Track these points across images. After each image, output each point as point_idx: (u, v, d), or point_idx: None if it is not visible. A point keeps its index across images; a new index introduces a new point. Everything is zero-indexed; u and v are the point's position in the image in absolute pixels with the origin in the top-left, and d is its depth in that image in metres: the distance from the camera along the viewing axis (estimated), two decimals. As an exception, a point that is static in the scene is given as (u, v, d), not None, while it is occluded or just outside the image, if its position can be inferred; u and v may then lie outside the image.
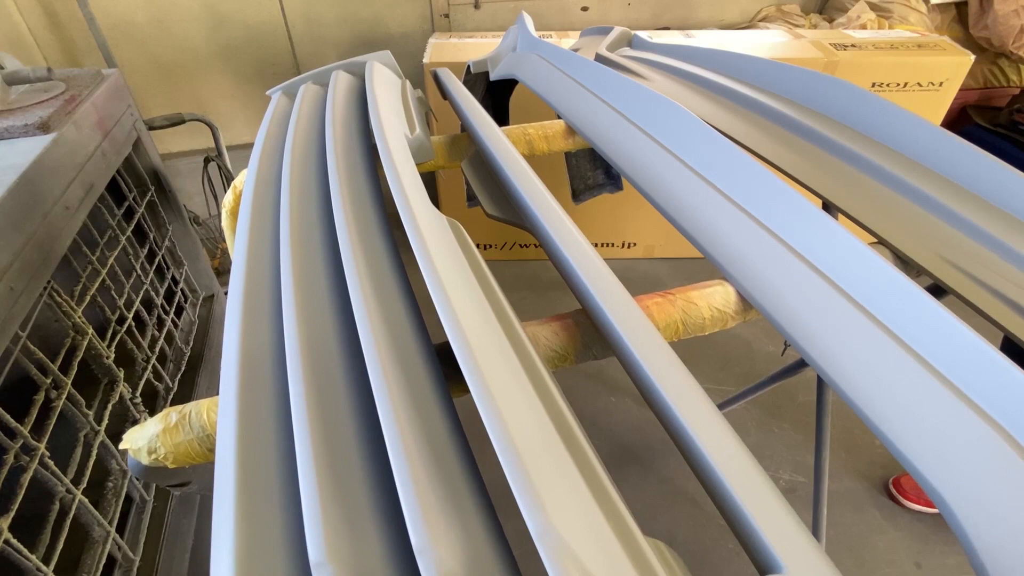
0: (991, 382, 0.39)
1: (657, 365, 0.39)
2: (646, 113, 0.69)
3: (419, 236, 0.41)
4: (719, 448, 0.34)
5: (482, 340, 0.35)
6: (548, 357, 0.45)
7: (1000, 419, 0.38)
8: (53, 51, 1.99)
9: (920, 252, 0.56)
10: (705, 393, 0.39)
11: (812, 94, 0.84)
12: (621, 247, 2.38)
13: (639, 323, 0.43)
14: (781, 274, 0.48)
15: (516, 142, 0.82)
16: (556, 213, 0.50)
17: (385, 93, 0.70)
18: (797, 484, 1.57)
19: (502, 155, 0.59)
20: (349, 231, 0.44)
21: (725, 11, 2.51)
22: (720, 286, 0.51)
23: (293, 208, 0.49)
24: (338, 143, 0.57)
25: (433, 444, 0.32)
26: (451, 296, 0.37)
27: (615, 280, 0.47)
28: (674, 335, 0.49)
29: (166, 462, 0.39)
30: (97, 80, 1.17)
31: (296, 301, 0.40)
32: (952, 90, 1.94)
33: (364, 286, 0.39)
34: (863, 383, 0.43)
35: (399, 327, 0.39)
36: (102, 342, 1.05)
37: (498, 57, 1.16)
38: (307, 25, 2.18)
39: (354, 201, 0.49)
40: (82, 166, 1.03)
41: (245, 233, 0.48)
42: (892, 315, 0.45)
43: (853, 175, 0.65)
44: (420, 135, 0.66)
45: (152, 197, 1.40)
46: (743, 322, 0.52)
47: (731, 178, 0.55)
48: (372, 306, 0.38)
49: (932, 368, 0.43)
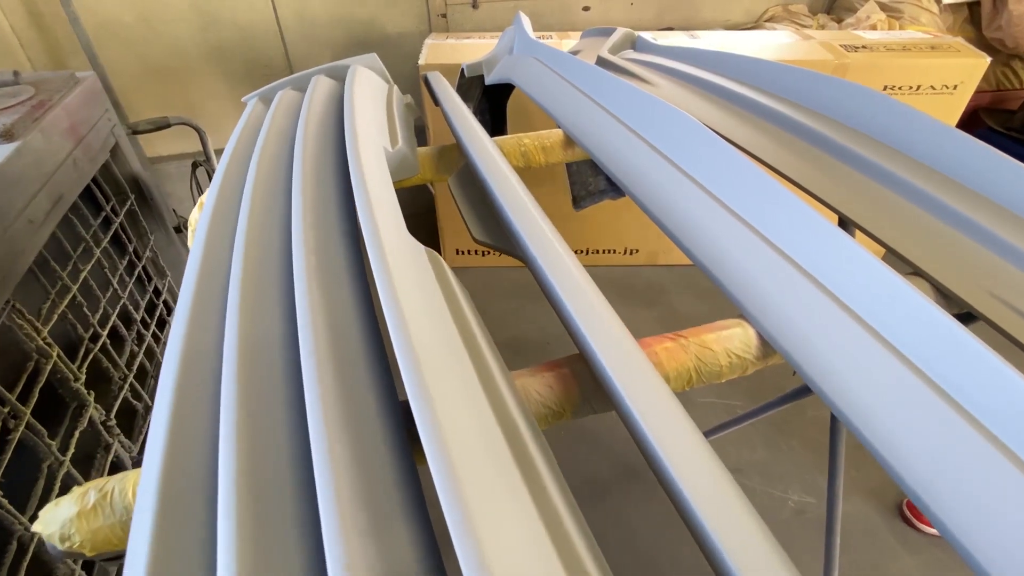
0: None
1: (664, 433, 0.32)
2: (652, 124, 0.62)
3: (384, 272, 0.35)
4: (739, 551, 0.28)
5: (447, 399, 0.29)
6: (541, 414, 0.39)
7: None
8: (37, 52, 1.93)
9: (964, 285, 0.50)
10: (723, 470, 0.33)
11: (831, 101, 0.78)
12: (624, 253, 2.31)
13: (643, 376, 0.37)
14: (810, 315, 0.42)
15: (510, 154, 0.76)
16: (552, 244, 0.43)
17: (365, 101, 0.63)
18: (807, 506, 1.51)
19: (491, 172, 0.53)
20: (307, 267, 0.38)
21: (730, 11, 2.44)
22: (739, 327, 0.44)
23: (249, 237, 0.43)
24: (307, 159, 0.51)
25: (373, 483, 0.26)
26: (415, 344, 0.30)
27: (619, 324, 0.40)
28: (686, 384, 0.43)
29: (83, 550, 0.33)
30: (70, 84, 1.11)
31: (237, 360, 0.34)
32: (967, 93, 1.87)
33: (318, 342, 0.33)
34: (909, 450, 0.36)
35: (354, 377, 0.33)
36: (71, 363, 0.98)
37: (494, 60, 1.10)
38: (300, 25, 2.11)
39: (318, 228, 0.43)
40: (50, 176, 0.97)
41: (194, 271, 0.42)
42: (939, 367, 0.39)
43: (882, 194, 0.59)
44: (403, 148, 0.59)
45: (132, 206, 1.34)
46: (765, 367, 0.46)
47: (750, 201, 0.48)
48: (324, 364, 0.32)
49: (996, 440, 0.36)
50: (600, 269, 2.32)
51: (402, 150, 0.59)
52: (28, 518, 0.80)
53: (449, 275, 0.41)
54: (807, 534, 1.43)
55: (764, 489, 1.54)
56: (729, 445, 1.64)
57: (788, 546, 0.31)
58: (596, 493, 1.52)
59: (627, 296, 2.19)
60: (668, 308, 2.13)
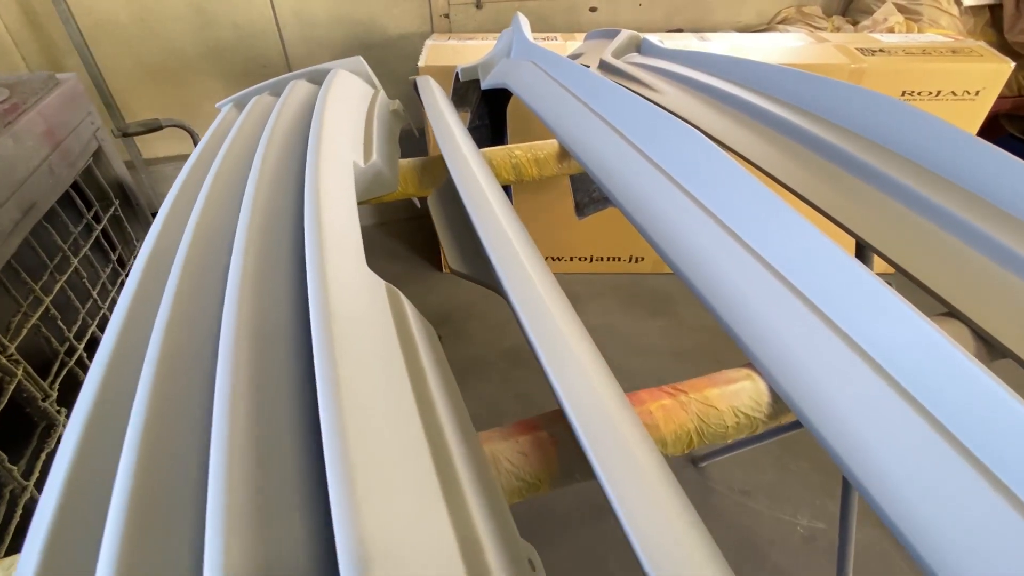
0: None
1: (652, 533, 0.26)
2: (656, 139, 0.56)
3: (322, 315, 0.30)
4: None
5: (377, 467, 0.24)
6: (513, 488, 0.33)
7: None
8: (32, 51, 1.90)
9: (1008, 328, 0.43)
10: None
11: (851, 111, 0.71)
12: (629, 261, 2.25)
13: (633, 446, 0.31)
14: (832, 371, 0.36)
15: (500, 167, 0.70)
16: (532, 284, 0.38)
17: (339, 110, 0.58)
18: (817, 532, 1.43)
19: (471, 194, 0.47)
20: (240, 291, 0.33)
21: (742, 12, 2.37)
22: (748, 380, 0.38)
23: (186, 268, 0.37)
24: (263, 178, 0.45)
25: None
26: (344, 405, 0.25)
27: (604, 376, 0.34)
28: (685, 448, 0.37)
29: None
30: (49, 86, 1.06)
31: (145, 416, 0.28)
32: (989, 100, 1.80)
33: (235, 402, 0.27)
34: (951, 551, 0.30)
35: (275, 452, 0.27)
36: (41, 381, 0.94)
37: (490, 63, 1.04)
38: (299, 26, 2.07)
39: (260, 254, 0.37)
40: (21, 183, 0.92)
41: (122, 311, 0.37)
42: (974, 433, 0.32)
43: (911, 220, 0.52)
44: (377, 163, 0.54)
45: (117, 211, 1.29)
46: (778, 425, 0.40)
47: (764, 232, 0.42)
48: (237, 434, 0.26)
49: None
50: (605, 277, 2.26)
51: (376, 165, 0.53)
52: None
53: (410, 317, 0.36)
54: (817, 562, 1.37)
55: (772, 513, 1.48)
56: (737, 466, 1.57)
57: (796, 574, 0.25)
58: (592, 517, 1.45)
59: (632, 305, 2.12)
60: (675, 318, 2.06)
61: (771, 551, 1.39)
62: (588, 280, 2.24)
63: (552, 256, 2.22)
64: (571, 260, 2.22)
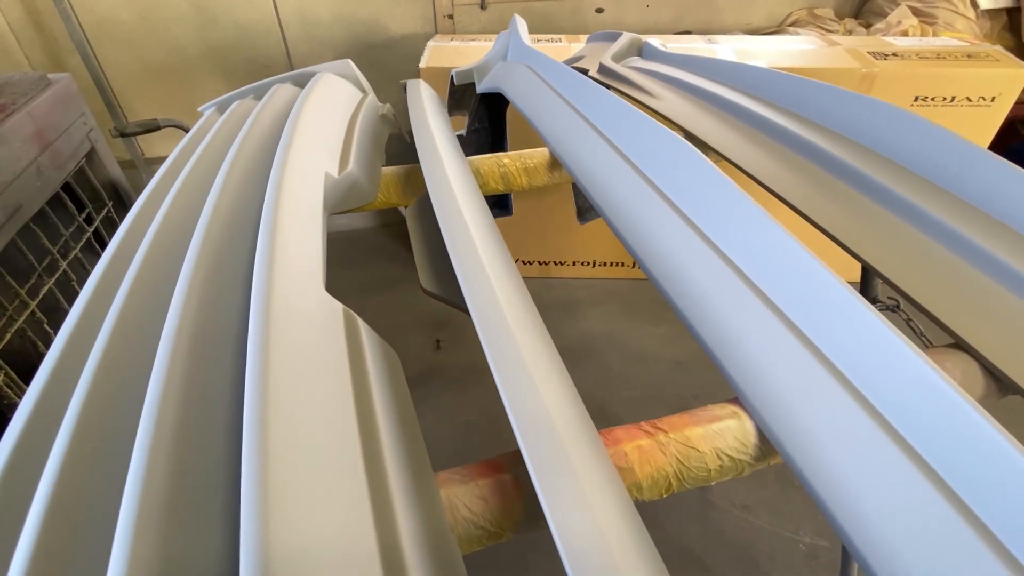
0: None
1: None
2: (644, 150, 0.53)
3: (262, 332, 0.28)
4: None
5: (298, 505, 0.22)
6: (472, 536, 0.30)
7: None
8: (35, 50, 1.90)
9: (1019, 364, 0.40)
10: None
11: (860, 124, 0.68)
12: (631, 267, 2.21)
13: (597, 496, 0.28)
14: (825, 413, 0.33)
15: (488, 176, 0.67)
16: (499, 311, 0.35)
17: (316, 117, 0.55)
18: (819, 550, 1.40)
19: (447, 214, 0.44)
20: (186, 298, 0.31)
21: (752, 14, 2.33)
22: (733, 419, 0.35)
23: (138, 276, 0.35)
24: (226, 188, 0.43)
25: None
26: (271, 441, 0.23)
27: (577, 413, 0.32)
28: (663, 492, 0.34)
29: None
30: (40, 87, 1.05)
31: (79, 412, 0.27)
32: (1005, 106, 1.74)
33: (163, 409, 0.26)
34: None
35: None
36: (26, 384, 0.92)
37: (486, 66, 1.01)
38: (302, 26, 2.05)
39: (212, 266, 0.35)
40: (6, 186, 0.91)
41: (80, 305, 0.36)
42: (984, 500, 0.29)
43: (920, 242, 0.49)
44: (353, 173, 0.51)
45: (110, 212, 1.28)
46: (766, 467, 0.37)
47: (756, 257, 0.39)
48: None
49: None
50: (607, 282, 2.22)
51: (352, 175, 0.51)
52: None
53: (365, 346, 0.33)
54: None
55: (773, 529, 1.44)
56: (738, 481, 1.53)
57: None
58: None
59: (634, 312, 2.09)
60: (676, 325, 2.03)
61: (772, 568, 1.36)
62: (590, 285, 2.21)
63: (554, 260, 2.19)
64: (573, 265, 2.19)
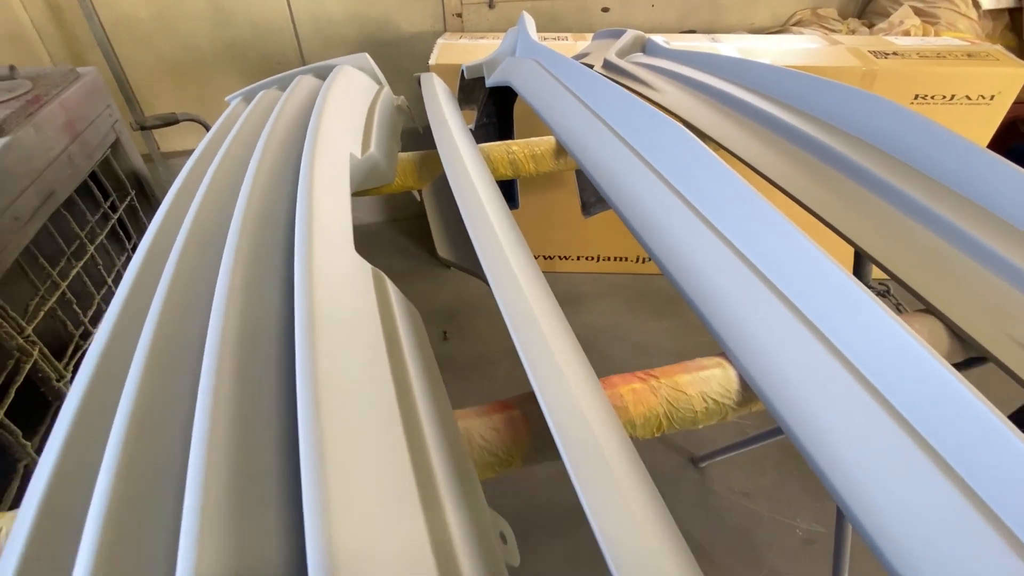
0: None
1: (610, 513, 0.28)
2: (644, 136, 0.57)
3: (306, 288, 0.31)
4: None
5: (347, 436, 0.25)
6: (486, 462, 0.35)
7: None
8: (56, 46, 1.96)
9: (981, 328, 0.44)
10: (686, 555, 0.28)
11: (850, 114, 0.72)
12: (635, 262, 2.25)
13: (600, 428, 0.32)
14: (797, 359, 0.37)
15: (498, 162, 0.72)
16: (510, 268, 0.39)
17: (339, 103, 0.60)
18: (816, 535, 1.43)
19: (462, 188, 0.48)
20: (231, 281, 0.35)
21: (756, 14, 2.36)
22: (719, 368, 0.39)
23: (183, 254, 0.40)
24: (262, 168, 0.47)
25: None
26: (320, 376, 0.27)
27: (578, 362, 0.36)
28: (655, 431, 0.38)
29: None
30: (70, 79, 1.10)
31: (133, 408, 0.31)
32: (1004, 104, 1.77)
33: (219, 387, 0.30)
34: (895, 529, 0.31)
35: (251, 418, 0.29)
36: (56, 362, 0.97)
37: (495, 61, 1.06)
38: (314, 23, 2.10)
39: (254, 240, 0.39)
40: (40, 172, 0.96)
41: (121, 297, 0.39)
42: (938, 430, 0.33)
43: (901, 222, 0.53)
44: (374, 155, 0.56)
45: (133, 201, 1.33)
46: (747, 413, 0.41)
47: (744, 229, 0.44)
48: (221, 400, 0.28)
49: (985, 506, 0.31)
50: (611, 277, 2.26)
51: (372, 156, 0.55)
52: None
53: (393, 300, 0.37)
54: (815, 566, 1.36)
55: (772, 516, 1.47)
56: (737, 468, 1.57)
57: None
58: (562, 522, 1.46)
59: (638, 306, 2.13)
60: (680, 320, 2.06)
61: (769, 553, 1.39)
62: (595, 279, 2.25)
63: (559, 255, 2.23)
64: (578, 259, 2.23)
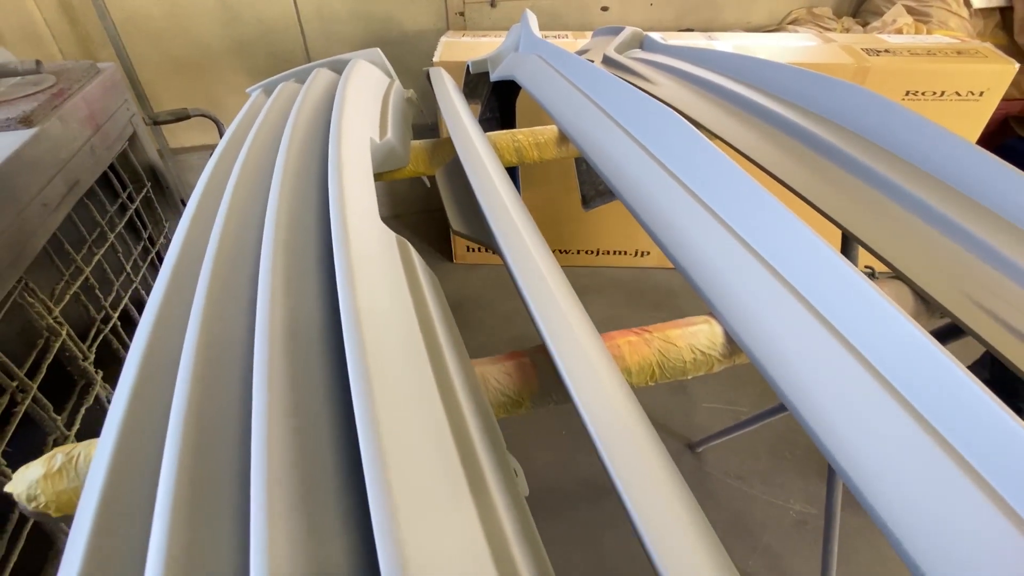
0: (993, 444, 0.33)
1: (614, 437, 0.33)
2: (641, 122, 0.62)
3: (344, 254, 0.36)
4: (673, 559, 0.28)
5: (390, 381, 0.30)
6: (499, 402, 0.39)
7: (998, 486, 0.32)
8: (68, 43, 2.00)
9: (942, 289, 0.49)
10: (668, 464, 0.33)
11: (839, 107, 0.77)
12: (634, 255, 2.30)
13: (601, 371, 0.37)
14: (776, 316, 0.42)
15: (504, 149, 0.76)
16: (520, 235, 0.44)
17: (358, 93, 0.65)
18: (809, 516, 1.48)
19: (473, 166, 0.53)
20: (273, 269, 0.39)
21: (752, 13, 2.41)
22: (706, 324, 0.44)
23: (227, 223, 0.44)
24: (292, 149, 0.52)
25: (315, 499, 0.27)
26: (363, 325, 0.31)
27: (581, 317, 0.41)
28: (649, 379, 0.43)
29: (47, 510, 0.34)
30: (91, 74, 1.15)
31: (197, 340, 0.35)
32: (993, 100, 1.82)
33: (274, 315, 0.34)
34: (857, 451, 0.36)
35: (303, 354, 0.34)
36: (81, 343, 1.02)
37: (499, 57, 1.10)
38: (320, 21, 2.15)
39: (291, 221, 0.44)
40: (66, 162, 1.00)
41: (174, 255, 0.43)
42: (905, 379, 0.38)
43: (877, 200, 0.58)
44: (391, 140, 0.60)
45: (148, 193, 1.38)
46: (731, 365, 0.45)
47: (729, 202, 0.48)
48: (276, 339, 0.33)
49: (943, 439, 0.36)
50: (610, 271, 2.31)
51: (390, 142, 0.60)
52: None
53: (416, 263, 0.42)
54: (807, 545, 1.41)
55: (765, 498, 1.52)
56: (732, 453, 1.62)
57: (788, 556, 0.30)
58: (593, 496, 1.51)
59: (636, 298, 2.18)
60: (677, 312, 2.10)
61: (763, 533, 1.44)
62: (594, 273, 2.30)
63: (559, 249, 2.27)
64: (577, 253, 2.28)
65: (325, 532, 0.28)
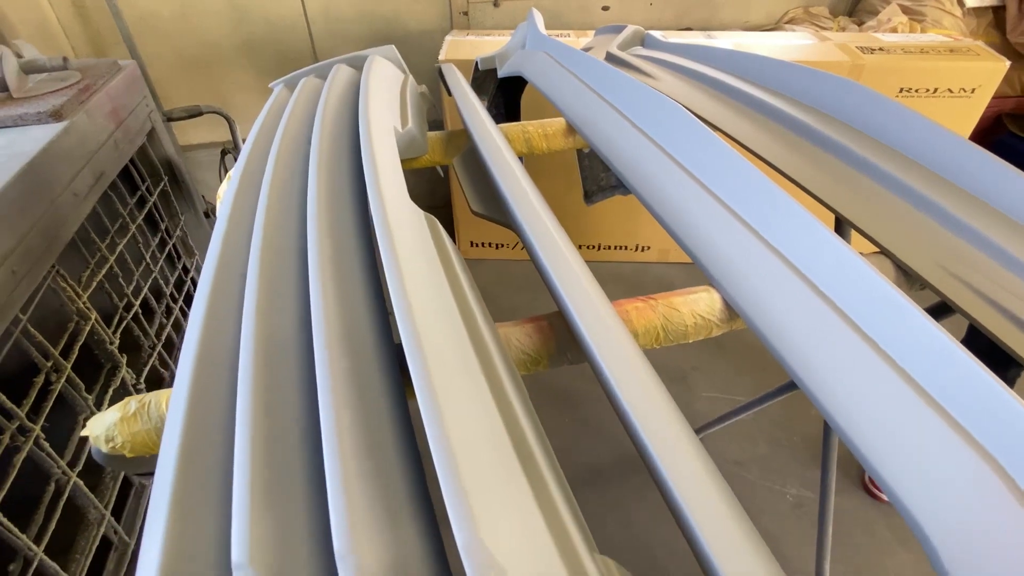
0: (984, 408, 0.37)
1: (625, 378, 0.37)
2: (645, 112, 0.67)
3: (385, 228, 0.40)
4: (686, 479, 0.32)
5: (436, 339, 0.34)
6: (520, 360, 0.44)
7: (992, 449, 0.36)
8: (80, 41, 2.04)
9: (923, 263, 0.53)
10: (675, 409, 0.37)
11: (829, 99, 0.81)
12: (635, 250, 2.34)
13: (613, 329, 0.42)
14: (768, 283, 0.46)
15: (514, 139, 0.81)
16: (536, 212, 0.48)
17: (380, 86, 0.69)
18: (805, 499, 1.53)
19: (490, 152, 0.58)
20: (319, 229, 0.44)
21: (750, 12, 2.45)
22: (705, 292, 0.49)
23: (270, 203, 0.49)
24: (324, 137, 0.56)
25: (375, 447, 0.31)
26: (409, 291, 0.35)
27: (593, 283, 0.45)
28: (654, 341, 0.47)
29: (123, 451, 0.39)
30: (113, 71, 1.19)
31: (257, 301, 0.39)
32: (985, 97, 1.87)
33: (325, 285, 0.38)
34: (847, 405, 0.40)
35: (357, 327, 0.38)
36: (107, 328, 1.06)
37: (506, 54, 1.15)
38: (326, 21, 2.19)
39: (330, 197, 0.48)
40: (93, 154, 1.05)
41: (221, 229, 0.48)
42: (883, 333, 0.43)
43: (867, 186, 0.62)
44: (412, 129, 0.65)
45: (165, 187, 1.42)
46: (729, 331, 0.50)
47: (725, 182, 0.53)
48: (330, 305, 0.37)
49: (925, 393, 0.40)
50: (610, 265, 2.35)
51: (411, 131, 0.64)
52: (66, 464, 0.88)
53: (444, 236, 0.46)
54: (804, 527, 1.46)
55: (763, 483, 1.57)
56: (731, 440, 1.66)
57: (784, 538, 0.33)
58: (596, 481, 1.56)
59: (636, 292, 2.21)
60: (677, 305, 2.16)
61: (761, 517, 1.48)
62: (594, 268, 2.29)
63: (562, 243, 2.31)
64: (580, 248, 2.32)
65: (399, 516, 0.29)
